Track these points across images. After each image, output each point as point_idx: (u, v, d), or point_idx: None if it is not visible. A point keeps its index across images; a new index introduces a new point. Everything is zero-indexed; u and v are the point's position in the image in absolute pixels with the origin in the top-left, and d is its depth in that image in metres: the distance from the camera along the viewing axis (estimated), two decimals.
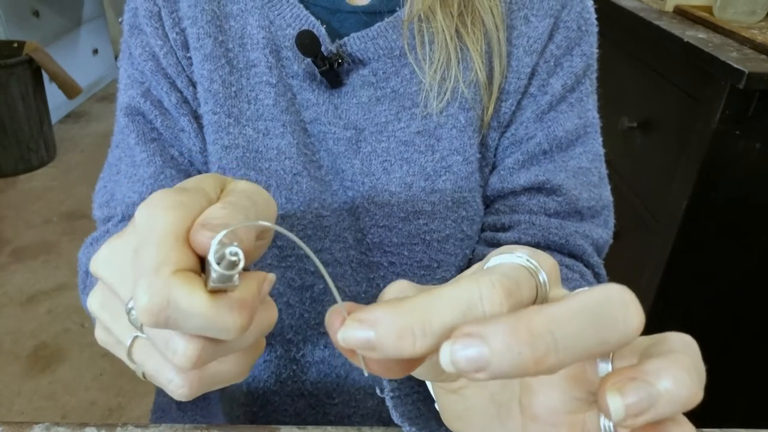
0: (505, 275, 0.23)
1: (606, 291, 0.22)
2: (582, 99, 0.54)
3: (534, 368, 0.20)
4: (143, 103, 0.51)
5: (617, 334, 0.21)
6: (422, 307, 0.22)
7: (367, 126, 0.51)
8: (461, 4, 0.49)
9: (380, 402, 0.57)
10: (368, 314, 0.23)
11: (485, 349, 0.20)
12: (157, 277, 0.23)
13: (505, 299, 0.22)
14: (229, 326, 0.24)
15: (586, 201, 0.54)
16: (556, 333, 0.20)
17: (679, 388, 0.21)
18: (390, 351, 0.22)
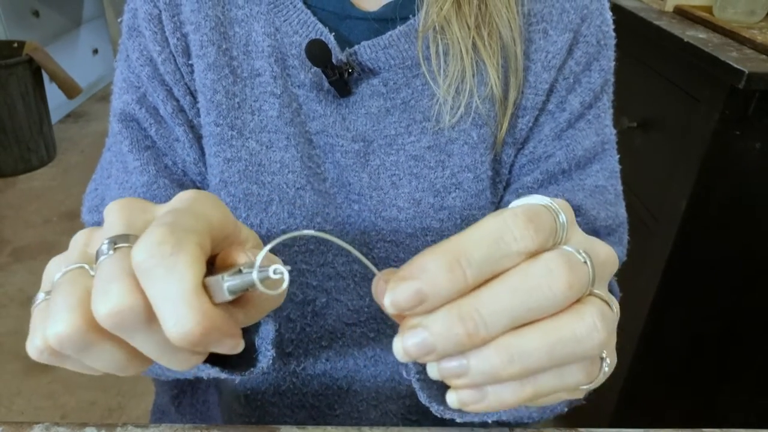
0: (525, 208, 0.25)
1: (530, 264, 0.24)
2: (600, 115, 0.52)
3: (470, 343, 0.24)
4: (138, 109, 0.49)
5: (544, 300, 0.24)
6: (458, 244, 0.24)
7: (376, 138, 0.49)
8: (478, 15, 0.46)
9: (383, 413, 0.56)
10: (411, 268, 0.24)
11: (428, 335, 0.24)
12: (182, 234, 0.24)
13: (529, 223, 0.24)
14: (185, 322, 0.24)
15: (603, 220, 0.52)
16: (482, 310, 0.23)
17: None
18: (443, 289, 0.23)
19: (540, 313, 0.24)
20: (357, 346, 0.53)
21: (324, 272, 0.50)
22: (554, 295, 0.24)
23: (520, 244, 0.24)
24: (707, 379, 1.18)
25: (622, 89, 0.58)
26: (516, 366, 0.24)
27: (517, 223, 0.24)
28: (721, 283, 1.08)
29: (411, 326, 0.24)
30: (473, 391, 0.26)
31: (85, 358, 0.26)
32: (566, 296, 0.24)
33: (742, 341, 1.14)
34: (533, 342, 0.24)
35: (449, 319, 0.23)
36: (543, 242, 0.25)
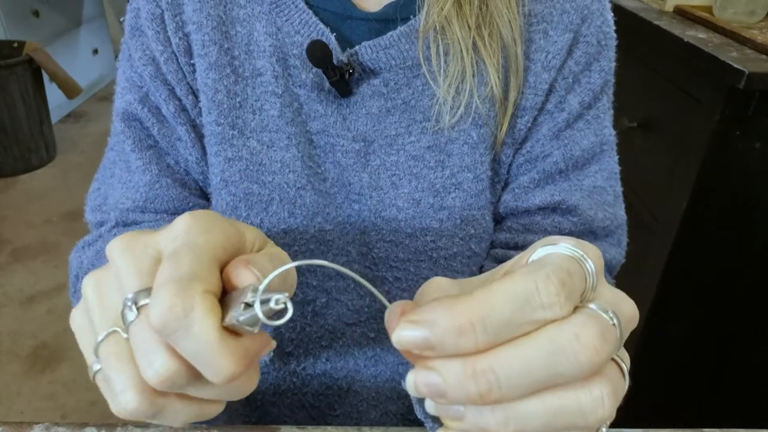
0: (558, 266, 0.23)
1: (557, 328, 0.23)
2: (599, 116, 0.52)
3: (481, 401, 0.23)
4: (141, 109, 0.50)
5: (568, 367, 0.22)
6: (480, 304, 0.23)
7: (376, 138, 0.49)
8: (479, 15, 0.46)
9: (383, 413, 0.56)
10: (423, 314, 0.23)
11: (441, 382, 0.23)
12: (188, 287, 0.23)
13: (561, 289, 0.23)
14: (223, 370, 0.24)
15: (601, 221, 0.52)
16: (499, 372, 0.22)
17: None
18: (450, 349, 0.23)
19: (561, 381, 0.23)
20: (357, 346, 0.53)
21: (324, 272, 0.50)
22: (579, 363, 0.22)
23: (547, 312, 0.23)
24: (707, 379, 1.18)
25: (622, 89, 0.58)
26: (510, 428, 0.23)
27: (548, 288, 0.23)
28: (721, 282, 1.08)
29: (426, 367, 0.23)
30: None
31: (164, 419, 0.27)
32: (593, 364, 0.22)
33: (742, 341, 1.14)
34: (533, 407, 0.23)
35: (463, 374, 0.22)
36: (572, 307, 0.23)
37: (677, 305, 1.09)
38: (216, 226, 0.27)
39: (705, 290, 1.08)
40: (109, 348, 0.26)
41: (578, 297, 0.24)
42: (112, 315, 0.27)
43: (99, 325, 0.27)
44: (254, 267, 0.26)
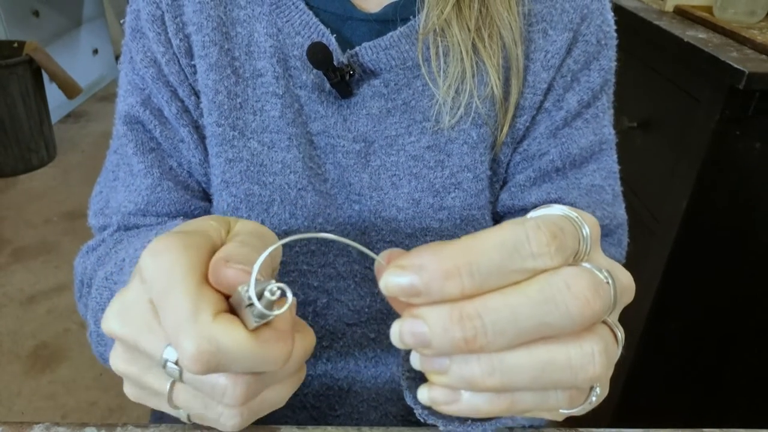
0: (550, 220, 0.23)
1: (548, 276, 0.22)
2: (598, 115, 0.52)
3: (467, 348, 0.22)
4: (143, 112, 0.50)
5: (558, 318, 0.22)
6: (468, 249, 0.22)
7: (376, 139, 0.49)
8: (479, 17, 0.46)
9: (383, 415, 0.56)
10: (411, 259, 0.23)
11: (426, 330, 0.22)
12: (198, 324, 0.23)
13: (552, 239, 0.22)
14: (275, 358, 0.24)
15: (600, 220, 0.52)
16: (485, 317, 0.22)
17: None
18: (436, 294, 0.22)
19: (551, 332, 0.22)
20: (357, 347, 0.53)
21: (325, 273, 0.50)
22: (570, 314, 0.22)
23: (537, 261, 0.22)
24: (707, 379, 1.18)
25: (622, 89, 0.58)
26: (496, 379, 0.23)
27: (539, 237, 0.22)
28: (721, 282, 1.08)
29: (412, 315, 0.23)
30: (448, 392, 0.25)
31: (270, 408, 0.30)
32: (583, 317, 0.22)
33: (742, 341, 1.14)
34: (520, 359, 0.23)
35: (449, 319, 0.22)
36: (562, 262, 0.23)
37: (677, 305, 1.09)
38: (179, 247, 0.25)
39: (705, 290, 1.08)
40: (181, 396, 0.28)
41: (570, 254, 0.24)
42: (153, 365, 0.28)
43: (154, 383, 0.28)
44: (232, 263, 0.25)
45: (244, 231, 0.28)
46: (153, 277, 0.25)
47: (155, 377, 0.28)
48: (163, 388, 0.28)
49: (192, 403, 0.28)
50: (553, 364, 0.23)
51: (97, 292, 0.42)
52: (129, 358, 0.28)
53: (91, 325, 0.44)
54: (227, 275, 0.24)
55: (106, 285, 0.42)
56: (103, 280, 0.42)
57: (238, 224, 0.29)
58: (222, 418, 0.27)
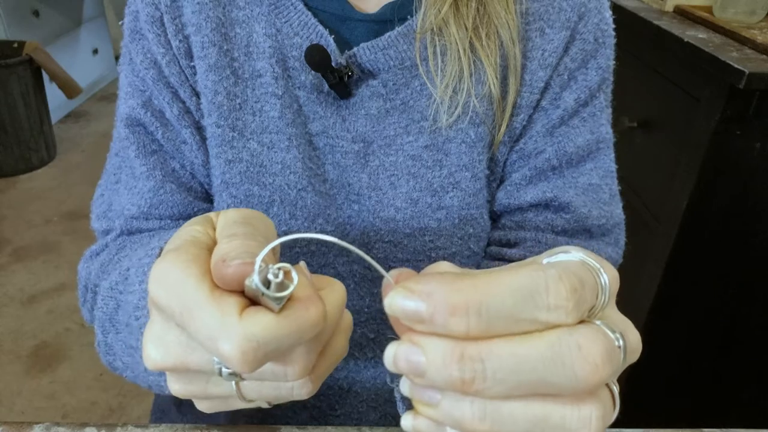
0: (572, 271, 0.22)
1: (561, 334, 0.21)
2: (595, 114, 0.52)
3: (462, 389, 0.21)
4: (144, 114, 0.49)
5: (563, 379, 0.21)
6: (481, 287, 0.21)
7: (375, 139, 0.49)
8: (476, 17, 0.46)
9: (383, 415, 0.56)
10: (421, 285, 0.22)
11: (423, 359, 0.22)
12: (229, 328, 0.23)
13: (571, 295, 0.21)
14: (313, 324, 0.24)
15: (596, 219, 0.52)
16: (487, 363, 0.21)
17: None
18: (438, 327, 0.21)
19: (552, 391, 0.21)
20: (357, 347, 0.53)
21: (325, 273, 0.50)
22: (576, 377, 0.21)
23: (551, 314, 0.21)
24: (707, 378, 1.18)
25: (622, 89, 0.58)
26: (486, 425, 0.22)
27: (558, 289, 0.21)
28: (721, 282, 1.08)
29: (411, 341, 0.22)
30: (433, 425, 0.24)
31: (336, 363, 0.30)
32: (588, 383, 0.21)
33: (742, 341, 1.14)
34: (515, 410, 0.22)
35: (449, 356, 0.21)
36: (577, 319, 0.22)
37: (677, 305, 1.09)
38: (179, 266, 0.25)
39: (705, 290, 1.08)
40: (250, 390, 0.28)
41: (587, 310, 0.22)
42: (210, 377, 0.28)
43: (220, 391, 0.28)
44: (229, 261, 0.25)
45: (229, 223, 0.28)
46: (168, 303, 0.25)
47: (217, 386, 0.28)
48: (229, 391, 0.28)
49: (263, 392, 0.28)
50: (547, 422, 0.22)
51: (103, 302, 0.42)
52: (186, 381, 0.28)
53: (99, 335, 0.44)
54: (230, 274, 0.24)
55: (111, 295, 0.42)
56: (108, 290, 0.42)
57: (221, 217, 0.29)
58: (295, 392, 0.28)
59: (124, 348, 0.40)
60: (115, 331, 0.41)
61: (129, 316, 0.38)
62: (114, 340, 0.41)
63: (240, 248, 0.25)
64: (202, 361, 0.26)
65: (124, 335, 0.40)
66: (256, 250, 0.25)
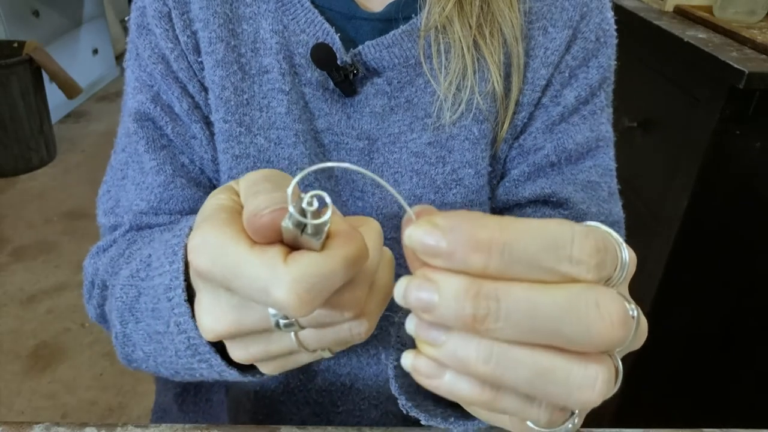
0: (600, 235, 0.22)
1: (582, 289, 0.21)
2: (595, 112, 0.52)
3: (473, 326, 0.21)
4: (153, 108, 0.49)
5: (577, 332, 0.21)
6: (507, 229, 0.21)
7: (380, 136, 0.50)
8: (480, 15, 0.47)
9: (384, 413, 0.56)
10: (445, 218, 0.21)
11: (436, 296, 0.21)
12: (279, 276, 0.23)
13: (596, 252, 0.21)
14: (358, 254, 0.24)
15: (594, 216, 0.52)
16: (503, 302, 0.21)
17: None
18: (457, 262, 0.21)
19: (563, 343, 0.21)
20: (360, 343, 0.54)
21: None
22: (590, 332, 0.21)
23: (573, 267, 0.21)
24: (707, 378, 1.18)
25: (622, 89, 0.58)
26: (490, 368, 0.22)
27: (584, 244, 0.21)
28: (721, 282, 1.08)
29: (425, 276, 0.22)
30: (433, 365, 0.23)
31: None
32: (601, 340, 0.21)
33: (742, 341, 1.14)
34: (521, 357, 0.22)
35: (464, 291, 0.21)
36: (596, 280, 0.22)
37: (677, 305, 1.09)
38: (213, 231, 0.25)
39: (705, 290, 1.08)
40: (311, 340, 0.28)
41: (605, 276, 0.22)
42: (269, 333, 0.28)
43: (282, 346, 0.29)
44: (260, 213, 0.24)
45: (250, 183, 0.28)
46: (211, 269, 0.25)
47: (278, 342, 0.28)
48: (291, 345, 0.28)
49: (323, 339, 0.27)
50: (552, 375, 0.22)
51: (123, 291, 0.42)
52: (246, 344, 0.29)
53: (117, 326, 0.43)
54: (265, 223, 0.24)
55: (132, 283, 0.41)
56: (128, 279, 0.42)
57: (241, 182, 0.29)
58: (354, 331, 0.27)
59: (146, 336, 0.40)
60: (135, 321, 0.41)
61: (156, 300, 0.38)
62: (133, 330, 0.41)
63: (267, 200, 0.25)
64: (257, 319, 0.27)
65: (145, 323, 0.40)
66: (284, 197, 0.25)
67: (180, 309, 0.35)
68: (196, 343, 0.35)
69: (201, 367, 0.36)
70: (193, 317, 0.34)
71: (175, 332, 0.36)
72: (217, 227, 0.25)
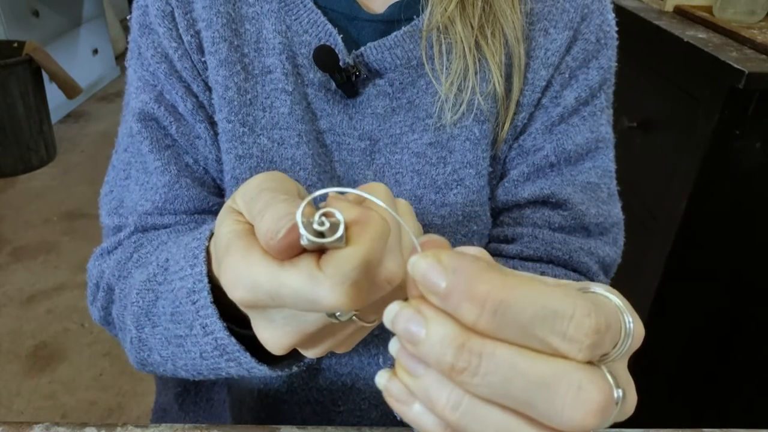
0: (605, 314, 0.21)
1: (569, 368, 0.21)
2: (595, 113, 0.52)
3: (449, 374, 0.21)
4: (157, 108, 0.49)
5: (551, 410, 0.21)
6: (509, 287, 0.21)
7: (381, 137, 0.50)
8: (482, 15, 0.47)
9: (384, 414, 0.56)
10: (452, 260, 0.21)
11: (423, 332, 0.21)
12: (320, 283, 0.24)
13: (593, 334, 0.21)
14: (381, 232, 0.25)
15: (594, 217, 0.52)
16: (484, 361, 0.21)
17: None
18: (450, 306, 0.21)
19: (533, 416, 0.21)
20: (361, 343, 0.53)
21: None
22: (563, 415, 0.20)
23: (564, 343, 0.21)
24: (707, 378, 1.18)
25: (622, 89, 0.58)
26: (455, 417, 0.22)
27: (582, 323, 0.20)
28: (720, 283, 1.08)
29: (417, 310, 0.22)
30: (405, 392, 0.24)
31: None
32: (572, 426, 0.20)
33: (742, 341, 1.14)
34: (489, 416, 0.22)
35: (450, 340, 0.21)
36: (590, 358, 0.21)
37: (677, 305, 1.09)
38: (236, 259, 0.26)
39: (705, 290, 1.08)
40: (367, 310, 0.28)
41: (600, 354, 0.22)
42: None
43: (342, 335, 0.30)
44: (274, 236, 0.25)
45: (248, 201, 0.28)
46: (253, 298, 0.26)
47: (343, 329, 0.29)
48: (355, 326, 0.28)
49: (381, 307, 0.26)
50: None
51: (139, 296, 0.41)
52: (315, 342, 0.29)
53: (132, 331, 0.43)
54: (283, 245, 0.24)
55: (148, 287, 0.41)
56: (145, 283, 0.41)
57: (237, 200, 0.29)
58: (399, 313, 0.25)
59: (163, 341, 0.40)
60: (151, 325, 0.41)
61: (177, 304, 0.37)
62: (150, 335, 0.41)
63: (274, 219, 0.25)
64: (315, 320, 0.27)
65: (163, 327, 0.40)
66: (288, 208, 0.25)
67: (206, 311, 0.35)
68: (224, 344, 0.35)
69: (229, 366, 0.37)
70: (220, 318, 0.34)
71: (200, 334, 0.36)
72: (242, 257, 0.26)
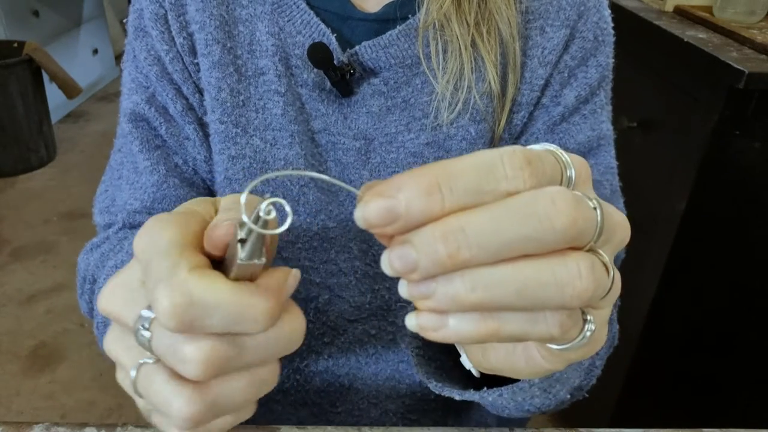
0: (528, 149, 0.23)
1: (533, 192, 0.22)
2: (596, 111, 0.52)
3: (450, 263, 0.22)
4: (148, 109, 0.50)
5: (542, 231, 0.22)
6: (444, 168, 0.22)
7: (376, 136, 0.50)
8: (478, 12, 0.47)
9: (383, 412, 0.56)
10: (388, 183, 0.22)
11: (412, 251, 0.22)
12: (174, 277, 0.23)
13: (525, 164, 0.22)
14: (257, 312, 0.24)
15: None
16: (468, 230, 0.21)
17: None
18: (417, 211, 0.22)
19: (535, 247, 0.22)
20: (358, 344, 0.54)
21: (327, 269, 0.51)
22: (554, 228, 0.21)
23: (510, 183, 0.22)
24: (707, 378, 1.18)
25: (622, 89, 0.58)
26: (478, 294, 0.22)
27: (512, 161, 0.22)
28: (720, 283, 1.08)
29: (399, 240, 0.23)
30: (434, 316, 0.24)
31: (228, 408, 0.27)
32: (567, 233, 0.22)
33: (742, 341, 1.14)
34: (503, 274, 0.22)
35: (433, 237, 0.22)
36: (538, 186, 0.23)
37: (677, 305, 1.09)
38: (165, 222, 0.26)
39: (704, 290, 1.08)
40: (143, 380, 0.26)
41: (547, 182, 0.23)
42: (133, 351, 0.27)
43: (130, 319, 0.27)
44: (220, 224, 0.25)
45: (228, 202, 0.28)
46: (141, 252, 0.25)
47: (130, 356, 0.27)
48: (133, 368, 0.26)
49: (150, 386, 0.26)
50: (538, 280, 0.22)
51: (106, 279, 0.43)
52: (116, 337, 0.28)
53: (98, 317, 0.44)
54: (219, 233, 0.25)
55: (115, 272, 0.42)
56: (112, 269, 0.43)
57: (223, 200, 0.29)
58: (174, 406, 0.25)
59: None
60: None
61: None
62: None
63: (234, 216, 0.25)
64: (131, 316, 0.26)
65: None
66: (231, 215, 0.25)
67: None
68: None
69: None
70: None
71: None
72: (165, 220, 0.26)
